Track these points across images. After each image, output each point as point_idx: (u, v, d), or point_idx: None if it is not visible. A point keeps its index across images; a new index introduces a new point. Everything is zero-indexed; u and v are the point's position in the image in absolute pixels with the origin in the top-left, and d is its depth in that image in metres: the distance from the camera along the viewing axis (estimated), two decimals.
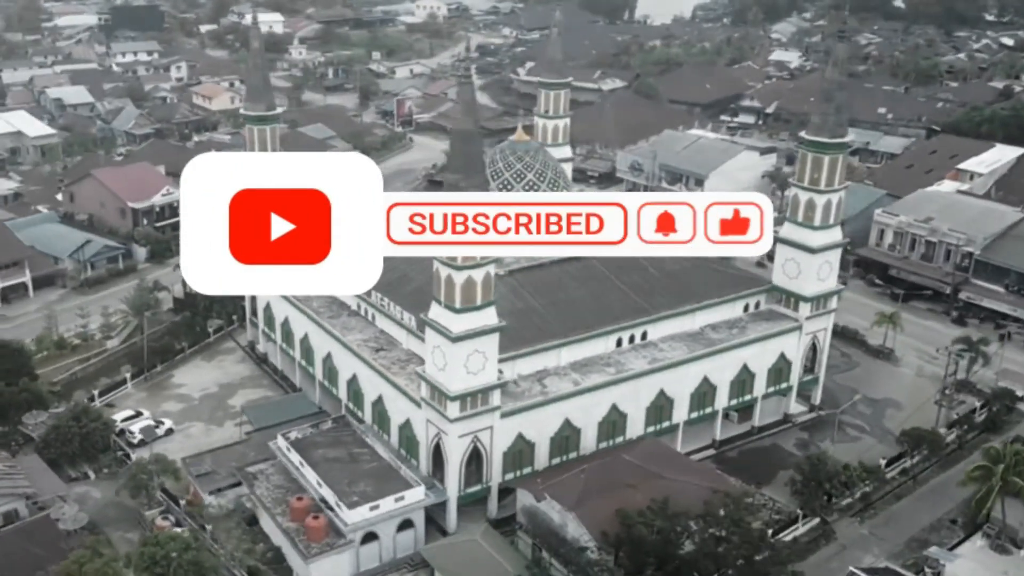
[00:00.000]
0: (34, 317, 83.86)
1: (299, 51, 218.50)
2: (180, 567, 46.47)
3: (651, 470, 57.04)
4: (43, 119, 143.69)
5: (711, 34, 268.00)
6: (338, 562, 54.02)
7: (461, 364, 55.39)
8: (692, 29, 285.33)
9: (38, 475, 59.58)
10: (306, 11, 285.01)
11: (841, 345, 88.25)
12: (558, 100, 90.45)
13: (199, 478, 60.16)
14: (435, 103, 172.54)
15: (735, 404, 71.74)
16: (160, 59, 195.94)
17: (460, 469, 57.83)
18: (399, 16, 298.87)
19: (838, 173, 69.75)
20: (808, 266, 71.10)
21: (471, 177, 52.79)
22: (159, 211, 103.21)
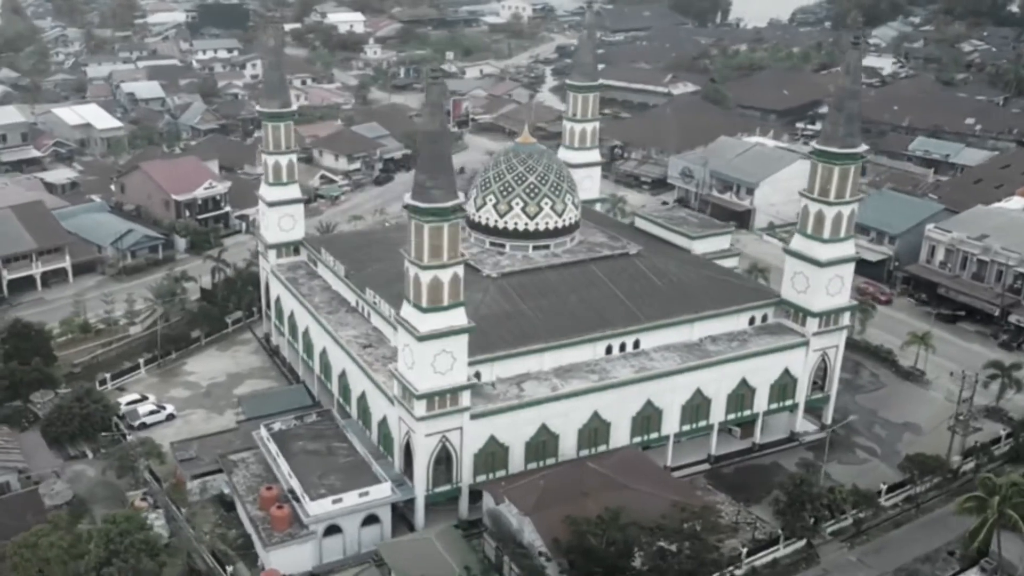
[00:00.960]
0: (70, 301, 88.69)
1: (374, 50, 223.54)
2: (132, 545, 48.94)
3: (617, 480, 57.03)
4: (116, 112, 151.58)
5: (805, 38, 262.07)
6: (299, 552, 55.84)
7: (428, 363, 56.53)
8: (786, 33, 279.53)
9: (35, 451, 63.52)
10: (391, 11, 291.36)
11: (872, 364, 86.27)
12: (587, 103, 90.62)
13: (183, 463, 62.99)
14: (498, 104, 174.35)
15: (734, 419, 70.84)
16: (238, 56, 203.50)
17: (428, 468, 58.99)
18: (483, 16, 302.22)
19: (849, 185, 68.02)
20: (816, 280, 69.56)
21: (437, 178, 53.97)
22: (201, 204, 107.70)
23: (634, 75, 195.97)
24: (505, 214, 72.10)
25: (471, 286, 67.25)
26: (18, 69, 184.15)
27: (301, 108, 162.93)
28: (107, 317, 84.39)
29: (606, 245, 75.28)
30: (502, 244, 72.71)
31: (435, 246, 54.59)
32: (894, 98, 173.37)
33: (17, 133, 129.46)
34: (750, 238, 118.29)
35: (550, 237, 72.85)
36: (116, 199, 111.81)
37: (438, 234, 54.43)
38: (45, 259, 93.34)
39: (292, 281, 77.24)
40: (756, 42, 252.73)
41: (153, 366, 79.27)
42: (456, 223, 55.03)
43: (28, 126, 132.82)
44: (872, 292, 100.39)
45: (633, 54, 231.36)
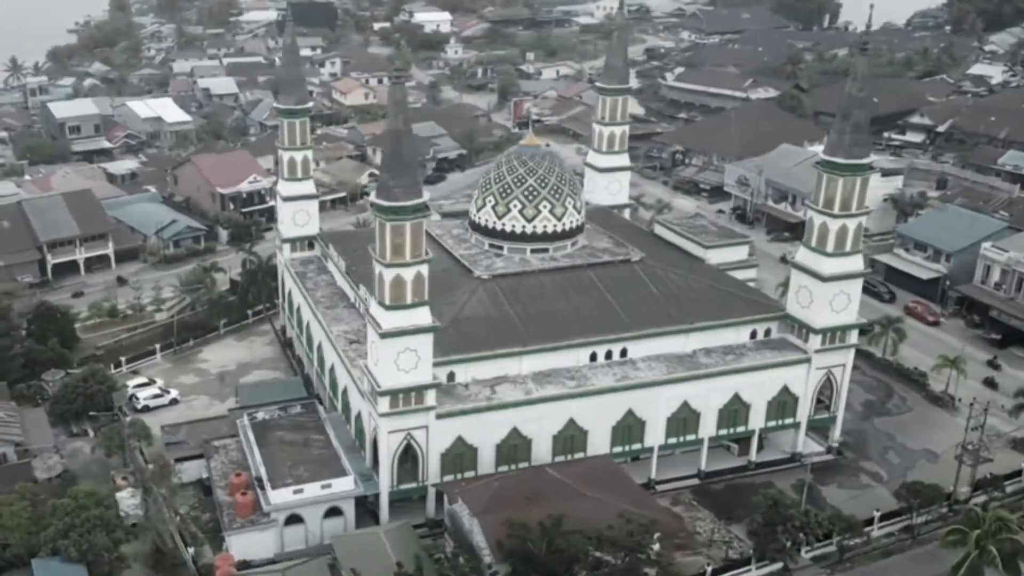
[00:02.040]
0: (110, 286, 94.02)
1: (455, 50, 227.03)
2: (88, 520, 52.08)
3: (574, 487, 57.28)
4: (191, 107, 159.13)
5: (917, 43, 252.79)
6: (259, 539, 58.14)
7: (391, 361, 58.03)
8: (894, 37, 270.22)
9: (37, 427, 67.97)
10: (483, 10, 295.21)
11: (902, 387, 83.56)
12: (615, 106, 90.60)
13: (169, 446, 66.29)
14: (567, 106, 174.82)
15: (727, 435, 69.89)
16: (320, 55, 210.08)
17: (392, 464, 60.46)
18: (575, 17, 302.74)
19: (855, 197, 66.33)
20: (820, 295, 68.01)
21: (399, 178, 55.40)
22: (246, 197, 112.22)
23: (712, 79, 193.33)
24: (503, 216, 73.05)
25: (460, 286, 69.18)
26: (111, 63, 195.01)
27: (364, 106, 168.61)
28: (134, 303, 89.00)
29: (609, 251, 75.27)
30: (500, 246, 73.65)
31: (397, 244, 56.03)
32: (993, 108, 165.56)
33: (91, 125, 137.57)
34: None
35: (549, 240, 73.36)
36: (169, 190, 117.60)
37: (400, 232, 55.84)
38: (89, 245, 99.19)
39: (300, 275, 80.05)
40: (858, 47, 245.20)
41: (169, 352, 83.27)
42: (419, 222, 56.29)
43: (101, 118, 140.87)
44: (920, 312, 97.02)
45: (720, 57, 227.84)
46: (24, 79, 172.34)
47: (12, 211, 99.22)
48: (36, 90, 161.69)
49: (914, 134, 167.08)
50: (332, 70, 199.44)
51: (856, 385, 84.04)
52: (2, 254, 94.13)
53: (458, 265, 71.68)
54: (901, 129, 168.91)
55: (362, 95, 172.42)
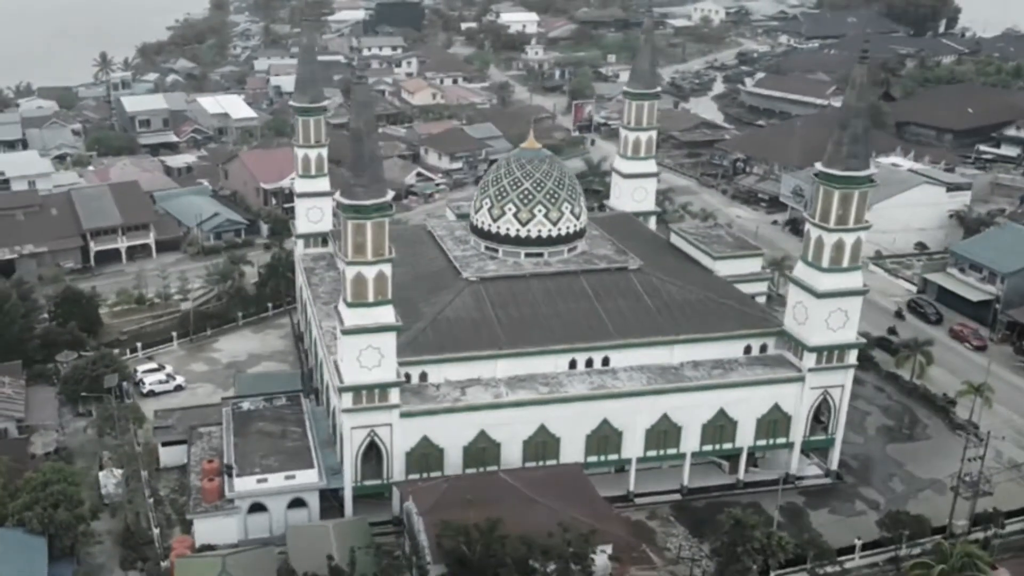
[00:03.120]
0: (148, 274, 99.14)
1: (535, 51, 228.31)
2: (51, 495, 55.55)
3: (526, 493, 57.79)
4: (263, 104, 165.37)
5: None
6: (223, 524, 60.65)
7: (354, 357, 59.73)
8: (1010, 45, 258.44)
9: (43, 405, 72.45)
10: (575, 11, 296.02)
11: (926, 413, 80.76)
12: (641, 111, 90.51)
13: (157, 430, 69.71)
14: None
15: (712, 451, 69.02)
16: (400, 54, 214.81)
17: (355, 460, 62.11)
18: (671, 19, 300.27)
19: (852, 210, 64.63)
20: (815, 312, 66.52)
21: (361, 176, 57.05)
22: (288, 193, 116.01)
23: (794, 85, 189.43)
24: (498, 219, 73.96)
25: (447, 287, 70.53)
26: (198, 60, 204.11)
27: (430, 106, 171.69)
28: (162, 292, 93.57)
29: (607, 258, 75.24)
30: (496, 249, 74.57)
31: (359, 243, 57.66)
32: None
33: (160, 119, 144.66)
34: None
35: (543, 245, 73.82)
36: (220, 184, 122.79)
37: (361, 231, 57.44)
38: (131, 235, 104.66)
39: (308, 271, 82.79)
40: (972, 54, 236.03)
41: (186, 340, 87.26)
42: (380, 222, 57.73)
43: (170, 113, 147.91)
44: (965, 335, 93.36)
45: (812, 63, 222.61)
46: (111, 74, 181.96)
47: (62, 199, 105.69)
48: (119, 84, 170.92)
49: (1009, 147, 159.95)
50: (408, 70, 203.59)
51: (877, 408, 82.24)
52: (48, 240, 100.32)
53: (450, 266, 72.96)
54: (996, 142, 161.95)
55: (429, 95, 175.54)
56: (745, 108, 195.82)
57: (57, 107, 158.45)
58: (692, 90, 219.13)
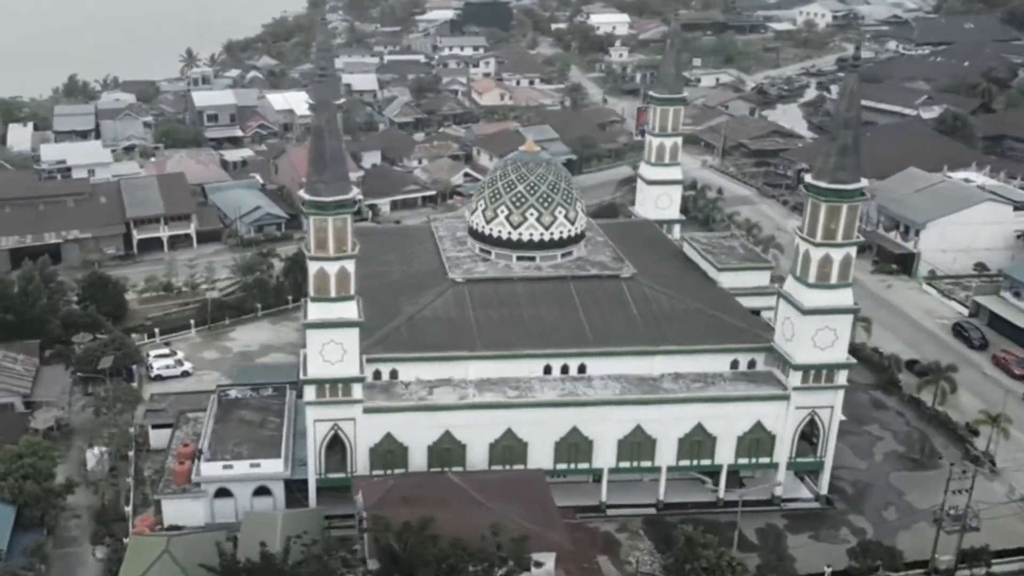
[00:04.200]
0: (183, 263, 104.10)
1: (619, 53, 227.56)
2: (21, 467, 59.54)
3: (472, 495, 58.60)
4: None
5: None
6: (190, 507, 63.58)
7: (317, 351, 61.79)
8: None
9: (52, 383, 77.17)
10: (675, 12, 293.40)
11: (943, 441, 77.99)
12: (666, 116, 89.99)
13: (150, 413, 73.45)
14: (708, 115, 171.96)
15: (690, 466, 68.33)
16: (479, 54, 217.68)
17: (318, 452, 64.15)
18: (773, 23, 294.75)
19: (841, 225, 63.14)
20: (801, 328, 65.23)
21: (322, 173, 59.02)
22: None
23: (882, 94, 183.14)
24: (491, 221, 74.96)
25: (433, 287, 72.08)
26: (282, 57, 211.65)
27: (497, 107, 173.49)
28: (189, 281, 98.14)
29: (601, 265, 75.28)
30: (489, 251, 75.60)
31: (320, 239, 59.66)
32: None
33: (227, 114, 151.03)
34: (907, 286, 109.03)
35: (535, 249, 74.39)
36: (271, 178, 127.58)
37: (322, 227, 59.40)
38: (173, 224, 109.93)
39: None
40: None
41: (204, 329, 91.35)
42: (342, 219, 59.54)
43: (237, 108, 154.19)
44: (1007, 363, 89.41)
45: (914, 70, 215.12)
46: (193, 70, 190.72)
47: (111, 188, 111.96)
48: (198, 80, 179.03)
49: None
50: (485, 70, 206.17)
51: (890, 433, 79.92)
52: (93, 227, 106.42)
53: (441, 267, 74.36)
54: None
55: (498, 95, 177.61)
56: (830, 116, 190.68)
57: (134, 100, 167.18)
58: (780, 97, 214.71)
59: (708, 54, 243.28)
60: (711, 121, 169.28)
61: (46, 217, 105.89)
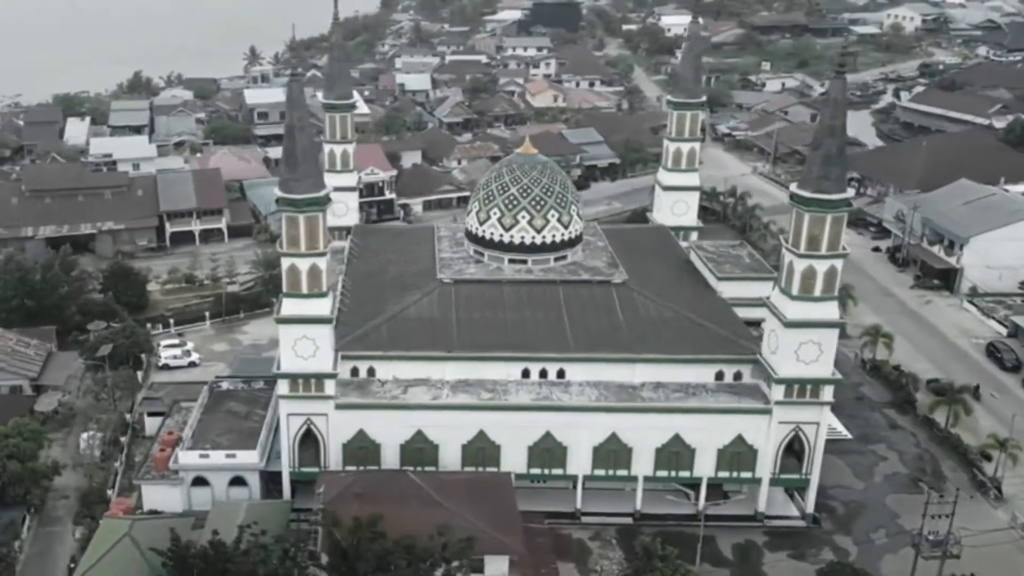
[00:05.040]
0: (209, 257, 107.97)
1: None
2: (6, 447, 63.03)
3: (430, 495, 59.64)
4: (386, 101, 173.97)
5: None
6: (167, 493, 66.30)
7: (289, 346, 63.75)
8: None
9: (59, 367, 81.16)
10: (753, 15, 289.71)
11: (951, 465, 76.12)
12: (683, 121, 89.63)
13: (146, 400, 76.66)
14: (766, 121, 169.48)
15: (668, 477, 68.15)
16: (542, 55, 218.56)
17: (291, 446, 66.12)
18: (856, 26, 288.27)
19: (825, 237, 62.22)
20: (784, 341, 64.49)
21: (294, 170, 60.92)
22: (364, 188, 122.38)
23: (954, 102, 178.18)
24: (484, 223, 75.96)
25: (420, 287, 73.49)
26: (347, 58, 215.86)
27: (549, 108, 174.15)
28: (211, 274, 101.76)
29: (594, 270, 75.56)
30: (482, 253, 76.62)
31: (292, 235, 61.57)
32: None
33: (277, 112, 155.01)
34: (947, 303, 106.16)
35: (526, 252, 75.09)
36: None
37: (294, 224, 61.32)
38: (205, 219, 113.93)
39: None
40: None
41: (219, 321, 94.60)
42: (313, 216, 61.30)
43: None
44: None
45: (997, 77, 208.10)
46: (256, 67, 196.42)
47: (148, 182, 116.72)
48: (257, 78, 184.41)
49: None
50: (546, 71, 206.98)
51: (896, 454, 78.35)
52: (127, 219, 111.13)
53: (433, 267, 75.65)
54: None
55: (551, 97, 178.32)
56: (899, 124, 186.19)
57: (191, 97, 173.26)
58: (851, 103, 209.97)
59: (780, 58, 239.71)
60: (768, 127, 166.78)
61: (84, 208, 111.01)
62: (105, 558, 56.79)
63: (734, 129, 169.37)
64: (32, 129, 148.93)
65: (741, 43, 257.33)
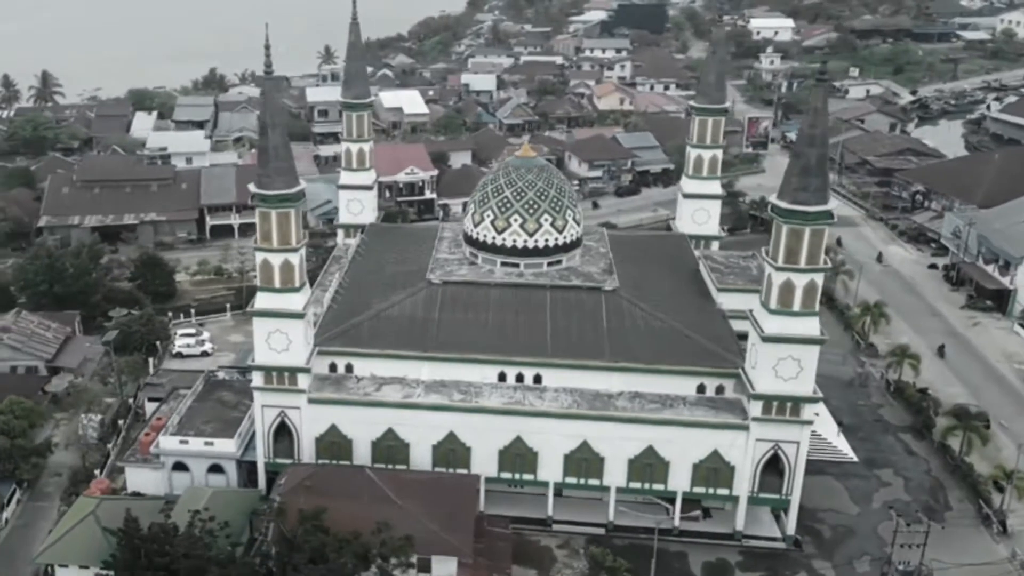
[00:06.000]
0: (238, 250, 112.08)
1: (770, 59, 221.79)
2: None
3: (386, 493, 61.18)
4: (450, 101, 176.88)
5: None
6: (149, 476, 69.67)
7: (263, 339, 66.17)
8: None
9: (75, 351, 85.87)
10: (854, 18, 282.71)
11: (959, 496, 73.96)
12: (705, 128, 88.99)
13: (147, 386, 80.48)
14: (838, 130, 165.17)
15: (642, 489, 67.99)
16: (619, 56, 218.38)
17: (265, 436, 68.55)
18: (964, 31, 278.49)
19: (804, 250, 61.27)
20: (762, 356, 63.74)
21: (266, 167, 63.26)
22: (404, 187, 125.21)
23: None
24: (478, 225, 77.13)
25: (408, 287, 75.13)
26: (422, 57, 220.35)
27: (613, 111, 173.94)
28: (239, 266, 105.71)
29: (587, 276, 75.82)
30: (476, 255, 77.81)
31: (265, 230, 63.91)
32: None
33: (336, 110, 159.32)
34: (997, 325, 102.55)
35: (518, 255, 75.88)
36: None
37: (266, 219, 63.63)
38: (244, 213, 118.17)
39: (336, 259, 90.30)
40: None
41: (239, 312, 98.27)
42: (284, 212, 63.48)
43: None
44: None
45: None
46: (323, 66, 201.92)
47: (193, 176, 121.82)
48: (327, 76, 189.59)
49: None
50: (621, 73, 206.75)
51: (901, 480, 76.35)
52: (169, 211, 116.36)
53: (426, 268, 77.16)
54: None
55: (616, 100, 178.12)
56: (989, 136, 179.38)
57: (258, 94, 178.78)
58: (944, 112, 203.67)
59: (875, 63, 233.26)
60: (841, 136, 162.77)
61: (130, 199, 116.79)
62: (68, 534, 60.31)
63: (768, 135, 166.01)
64: (102, 122, 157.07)
65: (834, 47, 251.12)
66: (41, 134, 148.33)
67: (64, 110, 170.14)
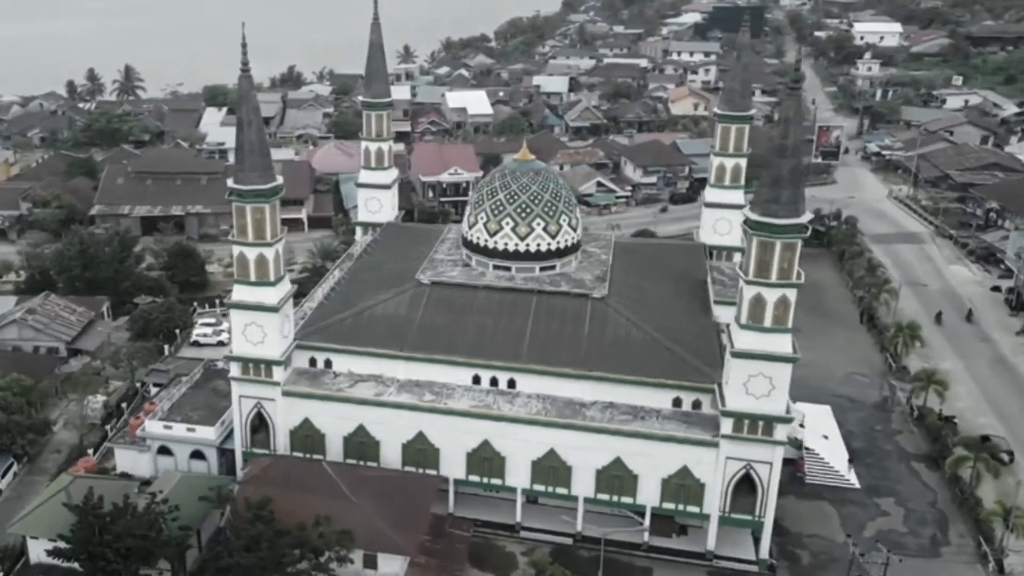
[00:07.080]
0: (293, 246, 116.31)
1: (868, 66, 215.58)
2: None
3: (341, 489, 63.30)
4: (520, 102, 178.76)
5: None
6: (135, 458, 73.51)
7: (239, 331, 69.10)
8: None
9: (95, 334, 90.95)
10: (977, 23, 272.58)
11: (963, 530, 71.86)
12: (728, 135, 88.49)
13: (153, 372, 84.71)
14: (926, 141, 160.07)
15: (609, 501, 68.19)
16: (707, 60, 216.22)
17: (243, 426, 71.47)
18: None
19: (774, 264, 60.65)
20: (733, 372, 63.27)
21: (242, 162, 66.00)
22: (446, 187, 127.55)
23: None
24: (472, 227, 78.50)
25: (397, 286, 77.16)
26: (505, 57, 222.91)
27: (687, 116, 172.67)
28: None
29: (577, 283, 76.22)
30: (470, 257, 79.18)
31: (240, 225, 66.73)
32: None
33: (400, 110, 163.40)
34: None
35: (510, 259, 76.86)
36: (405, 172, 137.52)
37: (242, 214, 66.42)
38: (287, 208, 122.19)
39: (350, 257, 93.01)
40: None
41: None
42: (259, 207, 66.10)
43: (411, 104, 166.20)
44: None
45: None
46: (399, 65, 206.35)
47: None
48: (402, 75, 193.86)
49: None
50: (705, 78, 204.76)
51: (902, 511, 74.52)
52: (214, 203, 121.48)
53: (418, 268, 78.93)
54: None
55: (690, 104, 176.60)
56: None
57: (328, 92, 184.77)
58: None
59: (985, 72, 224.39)
60: (927, 147, 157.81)
61: (179, 191, 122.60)
62: (40, 508, 64.41)
63: (886, 148, 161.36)
64: (174, 116, 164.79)
65: (945, 54, 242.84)
66: (115, 126, 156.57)
67: (142, 104, 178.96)
